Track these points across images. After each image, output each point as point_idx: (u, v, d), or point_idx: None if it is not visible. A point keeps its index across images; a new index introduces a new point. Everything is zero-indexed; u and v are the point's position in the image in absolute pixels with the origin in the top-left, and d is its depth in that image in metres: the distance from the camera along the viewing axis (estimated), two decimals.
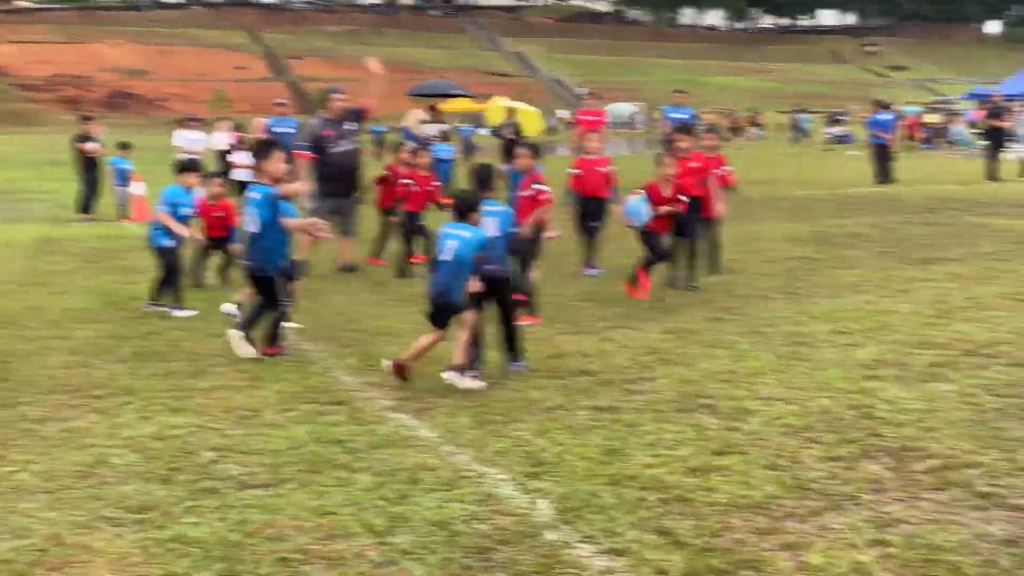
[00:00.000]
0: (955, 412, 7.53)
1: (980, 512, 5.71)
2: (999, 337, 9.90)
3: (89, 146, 23.67)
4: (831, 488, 6.09)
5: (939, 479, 6.21)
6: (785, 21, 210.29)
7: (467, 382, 8.46)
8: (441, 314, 8.74)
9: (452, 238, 8.70)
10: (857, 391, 8.12)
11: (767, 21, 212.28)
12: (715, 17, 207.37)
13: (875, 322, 10.68)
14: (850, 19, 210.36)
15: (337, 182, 14.20)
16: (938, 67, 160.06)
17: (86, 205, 23.64)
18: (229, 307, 11.27)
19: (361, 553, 5.34)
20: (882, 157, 29.34)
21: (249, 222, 9.78)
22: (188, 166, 12.59)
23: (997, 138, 29.57)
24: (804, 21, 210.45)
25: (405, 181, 14.69)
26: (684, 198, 12.55)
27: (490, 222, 8.99)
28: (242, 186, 24.39)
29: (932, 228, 18.22)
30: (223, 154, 24.77)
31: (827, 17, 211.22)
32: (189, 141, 25.28)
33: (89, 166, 23.69)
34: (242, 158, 24.61)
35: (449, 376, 8.50)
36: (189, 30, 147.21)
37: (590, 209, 14.10)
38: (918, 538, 5.35)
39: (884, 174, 28.52)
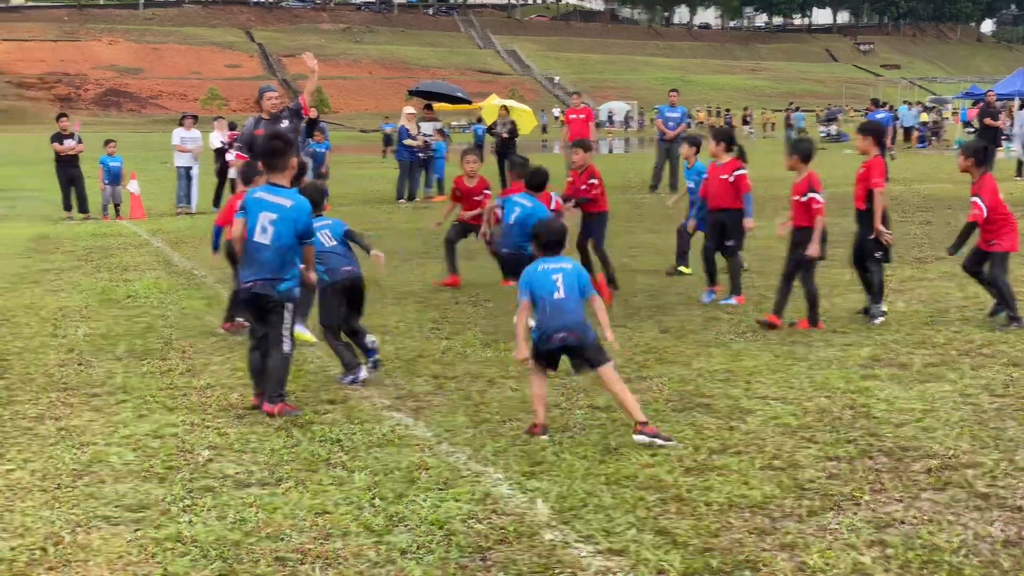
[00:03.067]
0: (954, 412, 7.52)
1: (980, 513, 5.69)
2: (996, 337, 9.90)
3: (64, 144, 23.62)
4: (830, 488, 6.07)
5: (938, 479, 6.20)
6: (779, 20, 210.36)
7: None
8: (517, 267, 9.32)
9: (517, 205, 11.19)
10: (855, 390, 8.11)
11: (761, 20, 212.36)
12: (709, 16, 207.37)
13: None
14: (844, 18, 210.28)
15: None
16: (932, 66, 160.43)
17: (66, 203, 23.66)
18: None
19: (359, 552, 5.32)
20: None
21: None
22: None
23: (991, 137, 29.60)
24: (798, 20, 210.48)
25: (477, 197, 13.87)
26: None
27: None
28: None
29: (927, 227, 18.26)
30: (219, 152, 24.77)
31: (821, 16, 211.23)
32: (185, 139, 25.30)
33: (65, 164, 23.62)
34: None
35: None
36: (183, 28, 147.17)
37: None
38: (918, 539, 5.34)
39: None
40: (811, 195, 10.43)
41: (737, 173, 11.86)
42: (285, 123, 13.12)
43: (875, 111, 31.16)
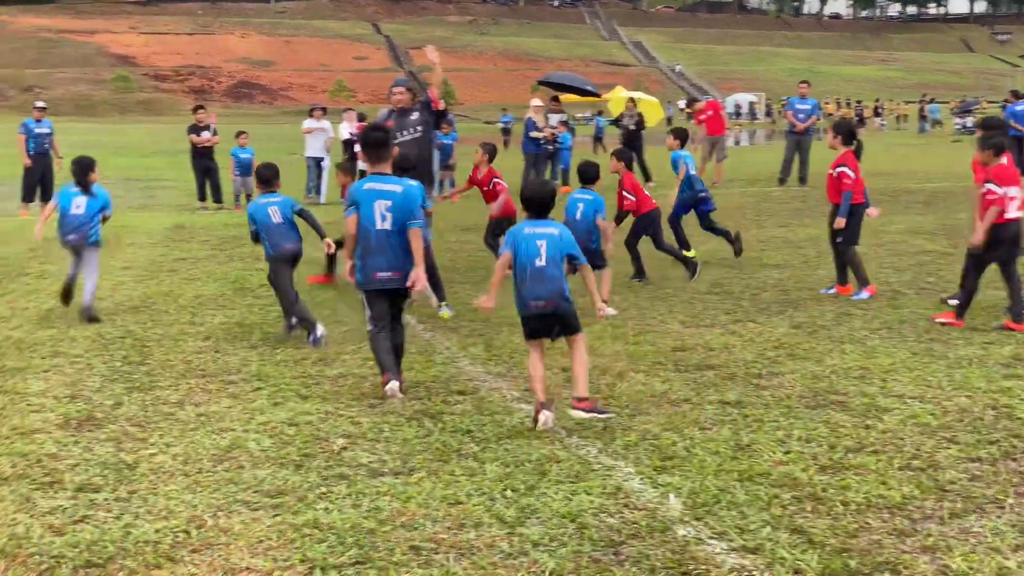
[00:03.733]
0: None
1: None
2: None
3: (200, 137, 24.10)
4: (972, 490, 5.92)
5: None
6: (912, 9, 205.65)
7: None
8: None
9: (580, 201, 11.29)
10: (996, 390, 7.90)
11: (894, 9, 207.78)
12: (839, 5, 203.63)
13: None
14: (981, 7, 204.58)
15: (398, 173, 13.86)
16: None
17: (200, 194, 24.16)
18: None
19: (492, 543, 5.34)
20: (1017, 149, 28.47)
21: None
22: None
23: None
24: (932, 9, 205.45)
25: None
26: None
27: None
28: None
29: None
30: (348, 144, 25.07)
31: (956, 5, 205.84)
32: (315, 129, 25.66)
33: (200, 156, 24.11)
34: None
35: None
36: (312, 21, 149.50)
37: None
38: None
39: (1019, 166, 27.68)
40: (987, 186, 10.23)
41: (839, 169, 11.68)
42: (415, 115, 13.26)
43: (1016, 102, 30.16)
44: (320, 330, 10.03)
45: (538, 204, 7.61)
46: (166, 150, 45.06)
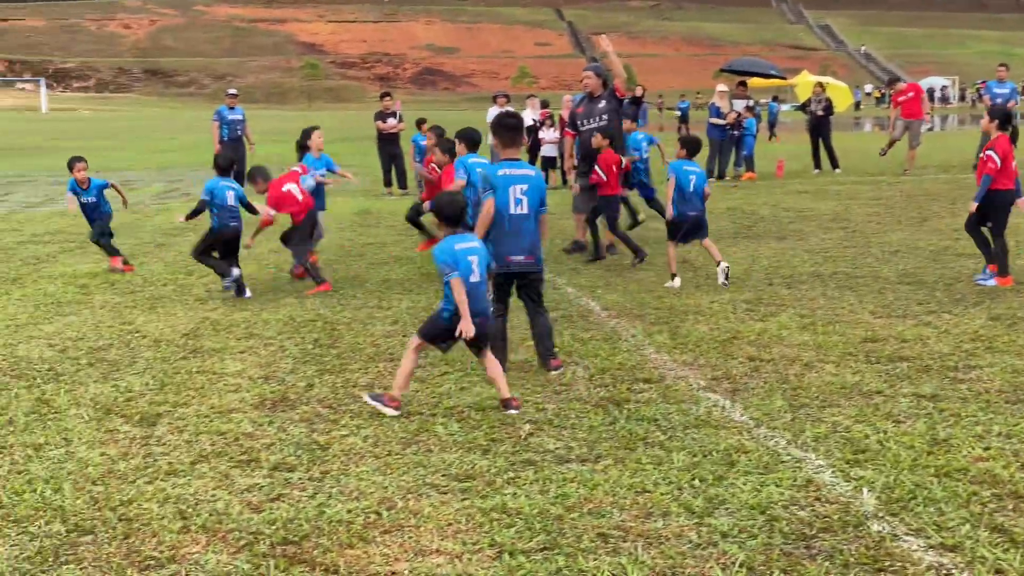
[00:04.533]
0: None
1: None
2: None
3: (386, 123, 24.49)
4: None
5: None
6: None
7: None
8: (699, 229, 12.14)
9: (691, 173, 12.05)
10: None
11: None
12: None
13: None
14: None
15: (582, 160, 14.06)
16: None
17: (386, 179, 24.56)
18: None
19: (680, 533, 5.30)
20: None
21: None
22: None
23: None
24: None
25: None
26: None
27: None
28: (549, 162, 24.89)
29: None
30: (531, 130, 25.16)
31: None
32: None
33: (386, 142, 24.50)
34: (550, 135, 25.00)
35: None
36: (495, 8, 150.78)
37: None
38: None
39: None
40: None
41: (986, 153, 11.52)
42: (603, 103, 13.31)
43: None
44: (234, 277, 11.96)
45: (452, 218, 7.62)
46: (350, 136, 46.10)
